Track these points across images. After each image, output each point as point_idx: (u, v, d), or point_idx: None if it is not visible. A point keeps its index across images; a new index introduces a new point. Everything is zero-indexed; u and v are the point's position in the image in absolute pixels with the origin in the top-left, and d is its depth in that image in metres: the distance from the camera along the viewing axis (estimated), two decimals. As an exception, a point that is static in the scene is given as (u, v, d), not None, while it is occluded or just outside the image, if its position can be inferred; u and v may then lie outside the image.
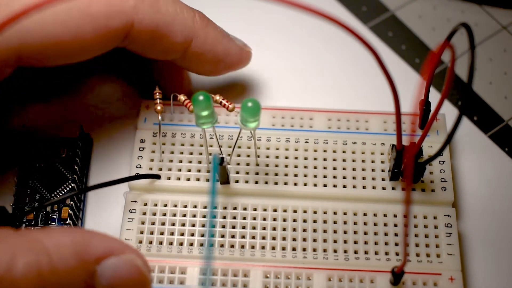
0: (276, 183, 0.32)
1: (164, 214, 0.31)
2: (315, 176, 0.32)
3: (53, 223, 0.32)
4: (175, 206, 0.31)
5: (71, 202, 0.32)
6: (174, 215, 0.31)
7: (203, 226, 0.31)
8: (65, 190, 0.33)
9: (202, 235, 0.31)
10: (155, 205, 0.31)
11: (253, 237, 0.31)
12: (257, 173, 0.32)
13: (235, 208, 0.31)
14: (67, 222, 0.31)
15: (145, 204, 0.31)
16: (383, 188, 0.32)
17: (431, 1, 0.40)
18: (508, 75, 0.38)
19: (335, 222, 0.31)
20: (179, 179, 0.32)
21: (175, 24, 0.30)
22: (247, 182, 0.32)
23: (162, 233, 0.31)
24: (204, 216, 0.31)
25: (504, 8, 0.40)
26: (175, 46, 0.31)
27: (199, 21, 0.32)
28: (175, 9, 0.31)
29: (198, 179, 0.32)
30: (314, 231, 0.31)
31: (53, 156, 0.33)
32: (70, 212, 0.31)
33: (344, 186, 0.32)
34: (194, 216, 0.31)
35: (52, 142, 0.34)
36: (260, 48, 0.38)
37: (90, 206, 0.33)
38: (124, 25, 0.29)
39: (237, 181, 0.32)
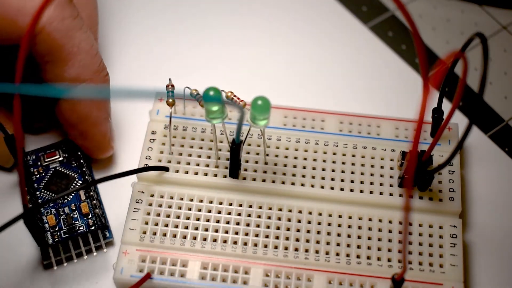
0: (283, 183, 0.32)
1: (170, 207, 0.31)
2: (322, 178, 0.32)
3: (77, 222, 0.31)
4: (181, 199, 0.31)
5: (87, 199, 0.32)
6: (180, 208, 0.31)
7: (208, 220, 0.31)
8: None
9: (206, 230, 0.31)
10: (162, 197, 0.31)
11: (256, 235, 0.31)
12: (265, 172, 0.32)
13: (240, 205, 0.31)
14: (89, 217, 0.31)
15: (152, 196, 0.31)
16: (390, 194, 0.32)
17: (431, 1, 0.40)
18: (508, 75, 0.38)
19: (339, 225, 0.31)
20: (187, 172, 0.32)
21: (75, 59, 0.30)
22: (254, 179, 0.32)
23: (166, 225, 0.31)
24: (209, 211, 0.31)
25: (504, 8, 0.40)
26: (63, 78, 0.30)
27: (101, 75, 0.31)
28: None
29: (206, 174, 0.32)
30: (318, 232, 0.31)
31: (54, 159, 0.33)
32: (89, 206, 0.31)
33: (351, 190, 0.32)
34: (200, 210, 0.31)
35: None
36: (275, 47, 0.38)
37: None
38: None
39: (244, 178, 0.32)
